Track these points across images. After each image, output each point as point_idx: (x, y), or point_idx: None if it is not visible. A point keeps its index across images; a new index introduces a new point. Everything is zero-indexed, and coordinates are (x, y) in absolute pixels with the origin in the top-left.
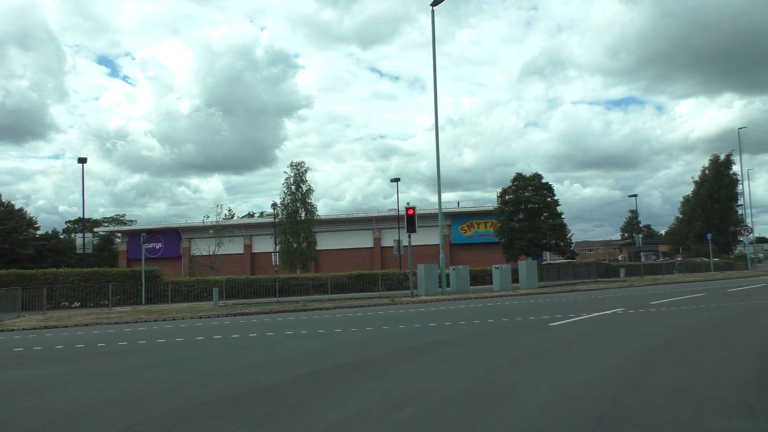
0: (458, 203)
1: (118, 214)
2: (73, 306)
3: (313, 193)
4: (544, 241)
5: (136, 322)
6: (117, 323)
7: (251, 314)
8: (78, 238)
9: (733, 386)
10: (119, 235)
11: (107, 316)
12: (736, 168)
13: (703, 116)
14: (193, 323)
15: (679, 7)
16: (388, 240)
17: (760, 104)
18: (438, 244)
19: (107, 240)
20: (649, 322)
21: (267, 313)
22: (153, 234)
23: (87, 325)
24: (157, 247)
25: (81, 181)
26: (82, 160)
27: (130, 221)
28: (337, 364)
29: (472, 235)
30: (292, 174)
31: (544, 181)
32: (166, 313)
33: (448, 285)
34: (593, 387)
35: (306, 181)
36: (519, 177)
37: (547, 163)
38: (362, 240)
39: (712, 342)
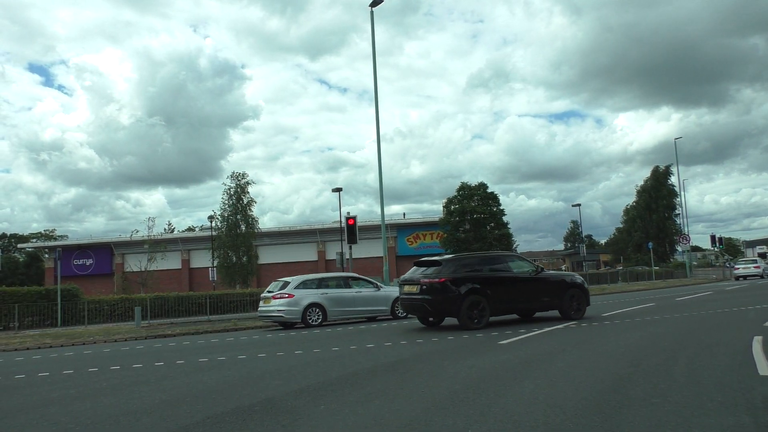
0: (404, 215)
1: (47, 229)
2: None
3: (255, 205)
4: None
5: (39, 348)
6: (15, 350)
7: (174, 336)
8: None
9: (724, 428)
10: (47, 251)
11: (7, 341)
12: (673, 179)
13: (642, 129)
14: (100, 349)
15: (618, 23)
16: (333, 253)
17: (695, 117)
18: (383, 257)
19: (35, 257)
20: (606, 339)
21: (193, 334)
22: (83, 250)
23: None
24: (88, 263)
25: (9, 195)
26: None
27: (61, 236)
28: (240, 405)
29: (419, 247)
30: (233, 185)
31: (489, 190)
32: (76, 337)
33: None
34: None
35: (248, 192)
36: (464, 186)
37: (492, 175)
38: (306, 253)
39: (681, 363)
